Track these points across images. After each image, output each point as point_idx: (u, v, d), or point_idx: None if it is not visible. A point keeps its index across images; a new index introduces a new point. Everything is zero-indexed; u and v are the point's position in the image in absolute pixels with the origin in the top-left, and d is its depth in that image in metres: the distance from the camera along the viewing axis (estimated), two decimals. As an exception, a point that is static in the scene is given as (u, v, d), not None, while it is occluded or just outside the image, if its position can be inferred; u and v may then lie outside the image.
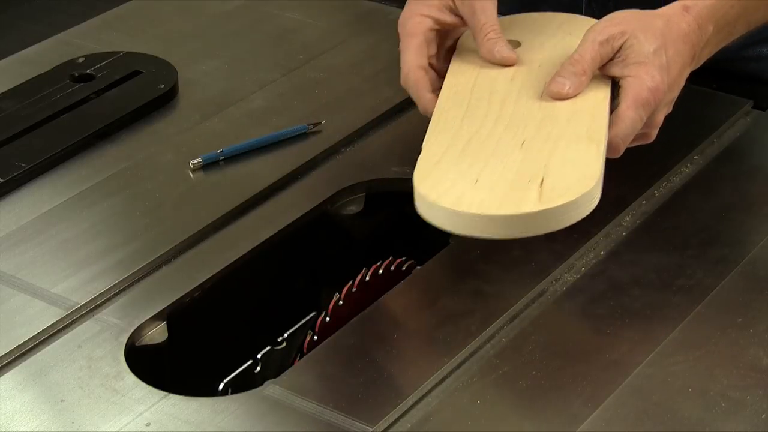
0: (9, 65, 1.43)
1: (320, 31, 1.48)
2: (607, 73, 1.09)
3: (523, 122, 1.06)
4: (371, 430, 0.94)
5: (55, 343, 1.03)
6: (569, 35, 1.16)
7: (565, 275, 1.09)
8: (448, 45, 1.18)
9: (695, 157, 1.24)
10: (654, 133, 1.11)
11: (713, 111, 1.30)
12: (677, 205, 1.17)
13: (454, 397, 0.97)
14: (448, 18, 1.15)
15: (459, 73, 1.14)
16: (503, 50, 1.13)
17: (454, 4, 1.15)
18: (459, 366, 1.00)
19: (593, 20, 1.15)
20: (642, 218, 1.16)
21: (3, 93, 1.34)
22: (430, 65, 1.15)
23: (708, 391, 0.96)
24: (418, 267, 1.16)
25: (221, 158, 1.25)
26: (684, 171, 1.22)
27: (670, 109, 1.11)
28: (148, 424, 0.95)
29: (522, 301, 1.06)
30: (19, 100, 1.33)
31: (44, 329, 1.04)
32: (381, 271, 1.15)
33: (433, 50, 1.16)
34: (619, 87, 1.07)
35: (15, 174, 1.22)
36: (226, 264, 1.12)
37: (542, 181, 0.99)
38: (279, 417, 0.96)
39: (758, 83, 1.35)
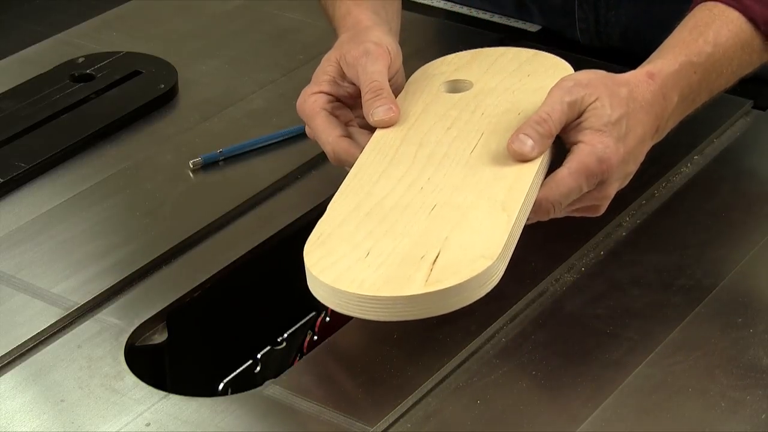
0: (9, 65, 1.43)
1: (320, 31, 1.48)
2: (561, 135, 1.02)
3: (441, 184, 0.99)
4: (371, 430, 0.94)
5: (55, 343, 1.03)
6: (528, 77, 1.10)
7: (565, 275, 1.09)
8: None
9: (695, 157, 1.24)
10: (604, 206, 1.03)
11: (713, 111, 1.30)
12: (677, 205, 1.17)
13: (454, 397, 0.97)
14: (341, 89, 1.08)
15: (403, 106, 1.08)
16: (379, 112, 1.05)
17: (342, 73, 1.08)
18: (459, 366, 1.00)
19: (559, 60, 1.11)
20: (642, 218, 1.16)
21: (3, 93, 1.34)
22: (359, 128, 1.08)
23: (708, 391, 0.96)
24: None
25: (221, 158, 1.25)
26: (684, 171, 1.22)
27: (625, 183, 1.04)
28: (148, 424, 0.95)
29: (522, 301, 1.06)
30: (19, 100, 1.33)
31: (44, 329, 1.04)
32: (381, 271, 1.15)
33: (349, 116, 1.09)
34: (569, 151, 1.01)
35: (15, 174, 1.22)
36: (226, 264, 1.12)
37: (437, 257, 0.92)
38: (279, 417, 0.96)
39: (758, 83, 1.35)
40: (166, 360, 1.09)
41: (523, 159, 0.99)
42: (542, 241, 1.10)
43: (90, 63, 1.39)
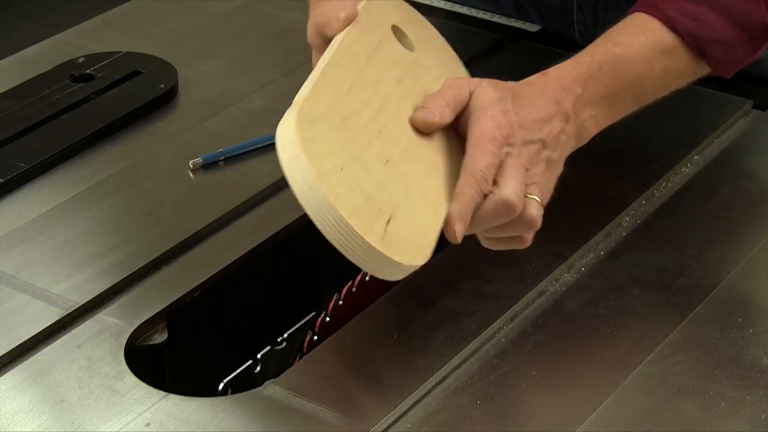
0: (9, 65, 1.43)
1: (320, 31, 1.48)
2: (460, 129, 1.01)
3: (393, 139, 0.97)
4: (371, 430, 0.94)
5: (55, 343, 1.03)
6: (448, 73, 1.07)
7: (565, 275, 1.09)
8: None
9: (695, 157, 1.24)
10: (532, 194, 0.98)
11: (713, 111, 1.30)
12: (677, 205, 1.18)
13: (454, 397, 0.97)
14: None
15: (363, 29, 1.03)
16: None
17: None
18: (459, 366, 1.00)
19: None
20: (642, 218, 1.16)
21: (3, 93, 1.34)
22: None
23: (708, 391, 0.96)
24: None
25: (221, 158, 1.25)
26: (684, 171, 1.22)
27: (555, 155, 1.01)
28: (148, 424, 0.95)
29: (522, 301, 1.06)
30: (19, 100, 1.33)
31: (44, 329, 1.04)
32: (381, 271, 1.15)
33: None
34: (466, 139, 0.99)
35: (15, 174, 1.22)
36: (226, 264, 1.12)
37: (389, 220, 0.91)
38: (279, 417, 0.96)
39: (758, 83, 1.35)
40: (166, 360, 1.09)
41: (427, 126, 0.99)
42: (542, 241, 1.10)
43: (90, 63, 1.39)
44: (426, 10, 1.52)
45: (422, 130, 0.99)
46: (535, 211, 0.97)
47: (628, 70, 1.07)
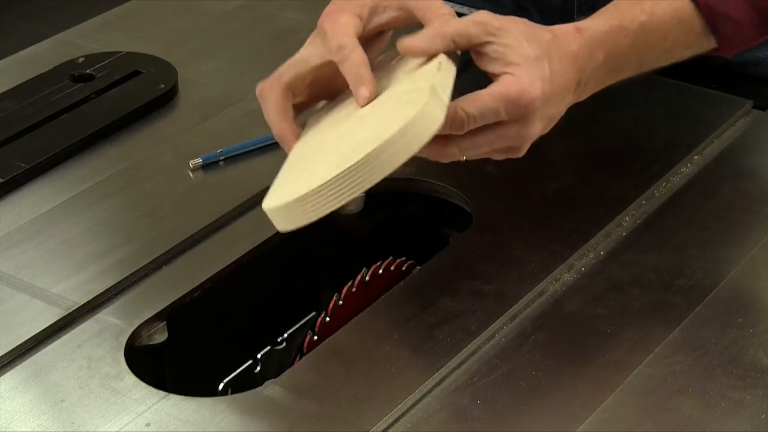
0: (9, 65, 1.43)
1: (320, 31, 1.48)
2: (482, 68, 1.00)
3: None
4: (371, 430, 0.94)
5: (55, 343, 1.03)
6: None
7: (565, 275, 1.09)
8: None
9: (695, 157, 1.24)
10: (525, 147, 1.01)
11: (713, 111, 1.30)
12: (677, 205, 1.17)
13: (454, 397, 0.97)
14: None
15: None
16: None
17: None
18: (459, 366, 1.00)
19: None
20: (642, 218, 1.16)
21: (3, 93, 1.34)
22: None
23: (708, 391, 0.96)
24: (418, 267, 1.16)
25: (221, 158, 1.25)
26: (684, 171, 1.22)
27: (547, 128, 1.01)
28: (148, 424, 0.95)
29: (522, 301, 1.06)
30: (19, 100, 1.33)
31: (44, 329, 1.04)
32: (381, 271, 1.15)
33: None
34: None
35: (15, 174, 1.22)
36: (226, 264, 1.12)
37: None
38: (279, 417, 0.96)
39: (758, 83, 1.35)
40: (166, 360, 1.08)
41: (413, 50, 1.00)
42: (542, 241, 1.10)
43: (90, 63, 1.39)
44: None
45: (408, 54, 1.00)
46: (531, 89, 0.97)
47: (647, 42, 1.07)
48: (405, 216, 1.27)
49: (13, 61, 1.44)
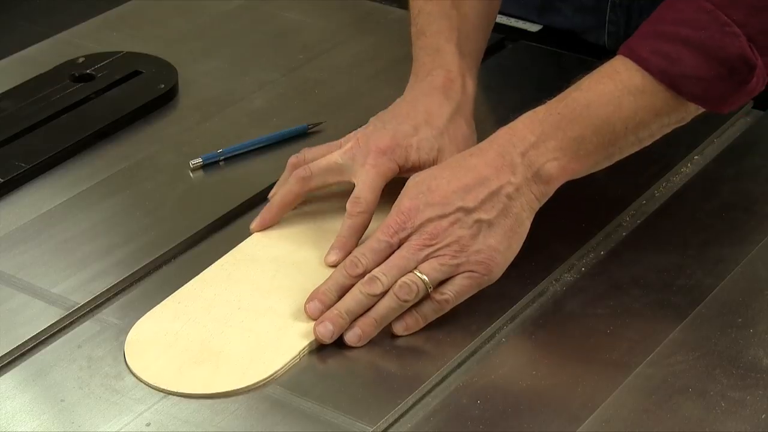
0: (9, 65, 1.43)
1: (320, 31, 1.48)
2: None
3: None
4: (371, 430, 0.94)
5: (55, 343, 1.03)
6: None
7: (565, 275, 1.09)
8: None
9: (695, 157, 1.24)
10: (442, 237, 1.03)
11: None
12: (677, 205, 1.18)
13: (454, 397, 0.97)
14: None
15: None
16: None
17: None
18: (459, 366, 1.00)
19: None
20: (642, 218, 1.16)
21: (3, 93, 1.34)
22: None
23: (708, 391, 0.96)
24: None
25: (221, 158, 1.25)
26: (684, 171, 1.22)
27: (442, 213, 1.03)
28: (148, 424, 0.95)
29: (522, 301, 1.06)
30: (19, 100, 1.33)
31: (44, 329, 1.04)
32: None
33: None
34: None
35: (15, 174, 1.22)
36: (226, 264, 1.12)
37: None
38: (279, 417, 0.96)
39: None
40: (166, 360, 1.08)
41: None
42: (542, 241, 1.10)
43: (90, 63, 1.39)
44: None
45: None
46: (405, 292, 1.01)
47: (591, 112, 1.06)
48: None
49: (13, 61, 1.44)
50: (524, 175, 1.05)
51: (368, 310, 1.01)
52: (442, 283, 1.02)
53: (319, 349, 1.02)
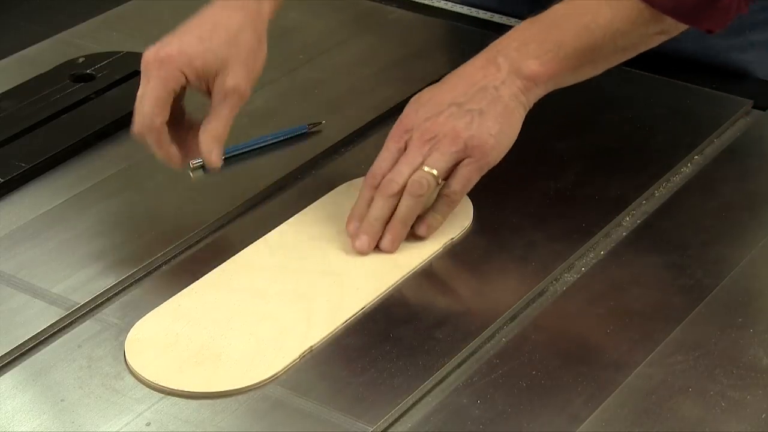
0: (9, 65, 1.43)
1: (320, 31, 1.48)
2: None
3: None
4: (371, 430, 0.94)
5: (55, 343, 1.03)
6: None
7: (565, 275, 1.09)
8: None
9: (695, 157, 1.24)
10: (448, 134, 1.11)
11: (713, 111, 1.30)
12: (677, 205, 1.17)
13: (454, 397, 0.97)
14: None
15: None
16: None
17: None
18: (459, 366, 1.00)
19: None
20: (642, 218, 1.16)
21: (3, 93, 1.34)
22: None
23: (708, 391, 0.96)
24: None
25: (221, 158, 1.24)
26: (684, 171, 1.22)
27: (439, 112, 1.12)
28: (148, 424, 0.95)
29: (522, 301, 1.06)
30: (19, 100, 1.33)
31: (44, 329, 1.04)
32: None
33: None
34: None
35: (15, 174, 1.22)
36: (226, 264, 1.12)
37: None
38: (279, 417, 0.96)
39: (758, 83, 1.35)
40: (166, 360, 1.08)
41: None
42: (542, 241, 1.10)
43: (90, 63, 1.39)
44: (428, 11, 1.52)
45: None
46: (416, 187, 1.09)
47: (569, 20, 1.12)
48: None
49: (13, 61, 1.44)
50: (507, 71, 1.12)
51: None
52: (448, 180, 1.10)
53: (319, 349, 1.02)
